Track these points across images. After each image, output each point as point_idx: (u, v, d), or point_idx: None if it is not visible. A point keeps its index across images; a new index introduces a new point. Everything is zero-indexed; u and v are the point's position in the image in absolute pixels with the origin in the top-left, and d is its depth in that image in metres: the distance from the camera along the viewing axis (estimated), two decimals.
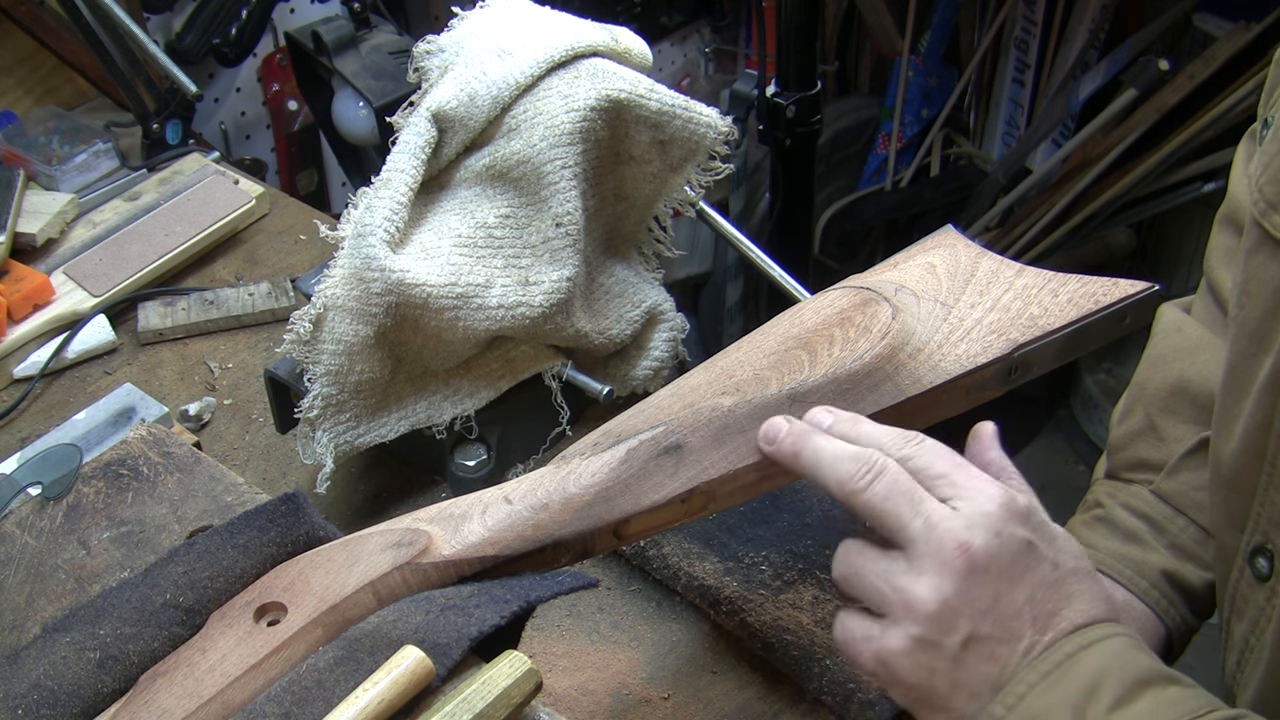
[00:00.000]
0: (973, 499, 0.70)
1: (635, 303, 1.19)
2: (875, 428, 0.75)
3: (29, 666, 0.77)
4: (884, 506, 0.70)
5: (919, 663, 0.69)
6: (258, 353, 1.34)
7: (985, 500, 0.70)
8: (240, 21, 1.87)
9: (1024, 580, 0.69)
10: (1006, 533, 0.69)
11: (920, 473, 0.71)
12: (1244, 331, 0.83)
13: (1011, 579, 0.69)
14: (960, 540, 0.68)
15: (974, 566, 0.68)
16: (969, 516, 0.69)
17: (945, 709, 0.70)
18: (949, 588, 0.68)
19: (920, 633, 0.69)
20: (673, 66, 2.88)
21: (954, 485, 0.71)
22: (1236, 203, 0.97)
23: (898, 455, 0.72)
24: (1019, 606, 0.68)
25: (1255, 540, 0.84)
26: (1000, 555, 0.68)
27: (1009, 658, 0.68)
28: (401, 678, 0.70)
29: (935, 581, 0.68)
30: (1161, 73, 2.41)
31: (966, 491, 0.70)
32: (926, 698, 0.70)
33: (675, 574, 1.02)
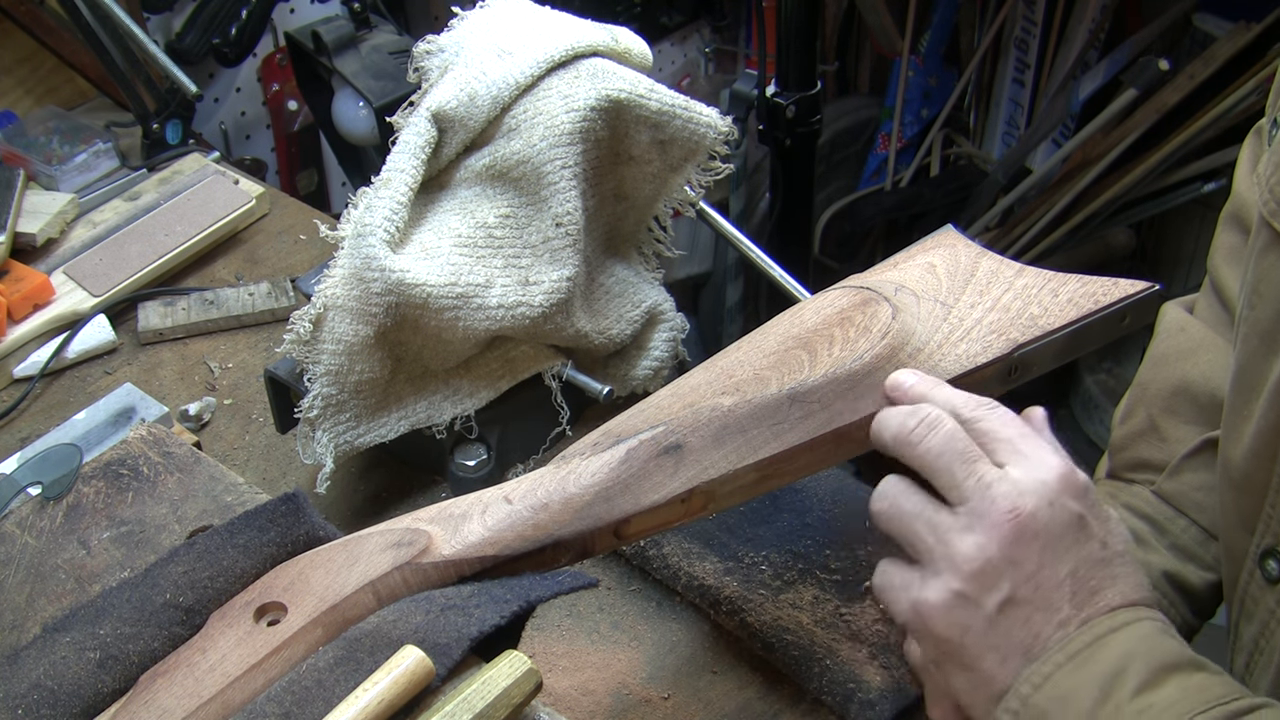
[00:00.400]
0: (1033, 467, 0.71)
1: (635, 303, 1.19)
2: (952, 391, 0.76)
3: (29, 666, 0.77)
4: (937, 463, 0.72)
5: (954, 619, 0.70)
6: (258, 353, 1.34)
7: (1045, 470, 0.70)
8: (240, 21, 1.87)
9: (1070, 553, 0.69)
10: (1060, 503, 0.70)
11: (986, 435, 0.73)
12: (1254, 332, 0.83)
13: (1058, 550, 0.69)
14: (1013, 504, 0.69)
15: (1023, 531, 0.68)
16: (1025, 482, 0.70)
17: (972, 668, 0.70)
18: (994, 548, 0.69)
19: (960, 588, 0.69)
20: (673, 66, 2.88)
21: (1016, 451, 0.72)
22: (1241, 201, 0.97)
23: (968, 416, 0.74)
24: (1061, 578, 0.69)
25: (1266, 542, 0.84)
26: (1051, 525, 0.69)
27: (1043, 628, 0.68)
28: (401, 678, 0.70)
29: (982, 540, 0.69)
30: (1161, 73, 2.41)
31: (1028, 459, 0.71)
32: (955, 654, 0.70)
33: (675, 574, 1.02)
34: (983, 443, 0.73)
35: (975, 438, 0.73)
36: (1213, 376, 0.98)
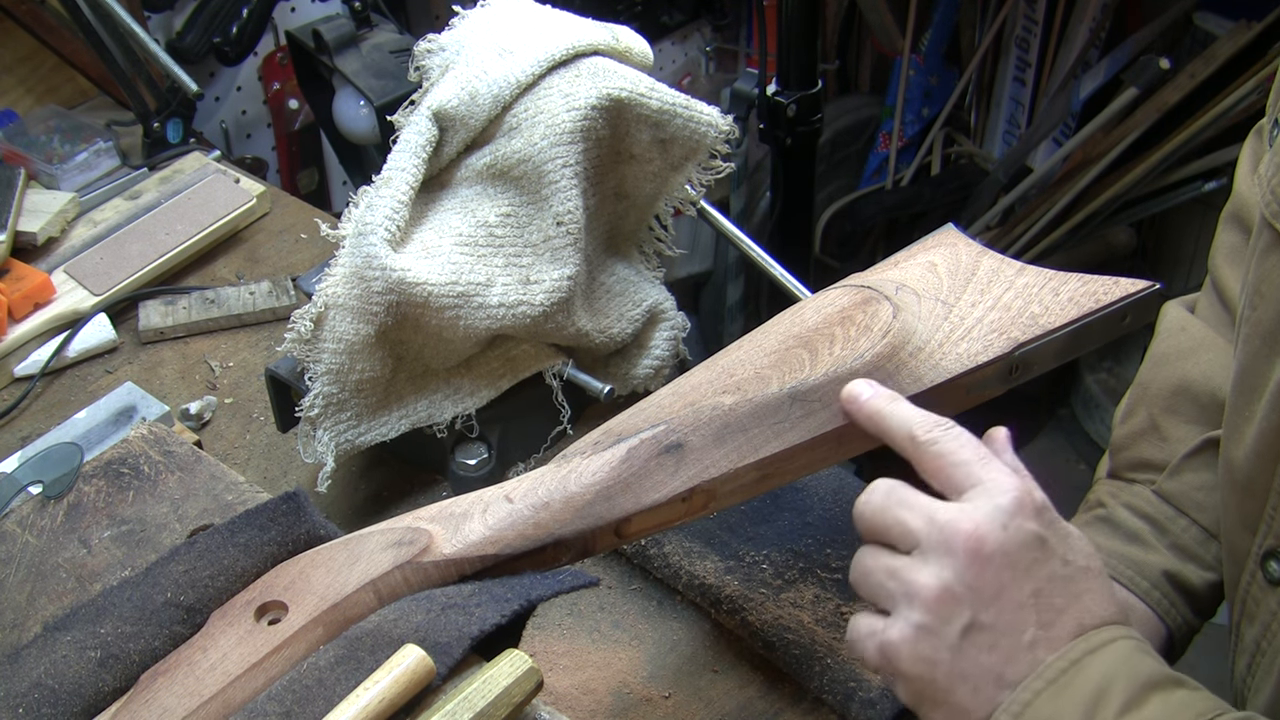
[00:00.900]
0: (986, 492, 0.70)
1: (636, 301, 1.19)
2: (909, 409, 0.76)
3: (30, 665, 0.77)
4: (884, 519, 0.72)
5: (919, 653, 0.69)
6: (259, 351, 1.34)
7: (999, 493, 0.70)
8: (241, 20, 1.87)
9: (1031, 573, 0.69)
10: (1015, 525, 0.69)
11: (941, 458, 0.72)
12: (1256, 333, 0.83)
13: (1017, 571, 0.68)
14: (967, 530, 0.68)
15: (979, 555, 0.68)
16: (979, 509, 0.69)
17: (946, 702, 0.69)
18: (950, 574, 0.68)
19: (920, 619, 0.69)
20: (673, 65, 2.88)
21: (970, 476, 0.71)
22: (1242, 201, 0.97)
23: (923, 439, 0.73)
24: (1024, 599, 0.68)
25: (1268, 543, 0.84)
26: (1008, 546, 0.68)
27: (1012, 650, 0.68)
28: (402, 676, 0.70)
29: (937, 569, 0.68)
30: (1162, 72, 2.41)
31: (983, 483, 0.70)
32: (928, 690, 0.70)
33: (676, 573, 1.02)
34: (937, 466, 0.72)
35: (930, 460, 0.73)
36: (1214, 376, 0.98)
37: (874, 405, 0.77)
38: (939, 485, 0.73)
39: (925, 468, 0.74)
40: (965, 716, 0.69)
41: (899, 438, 0.75)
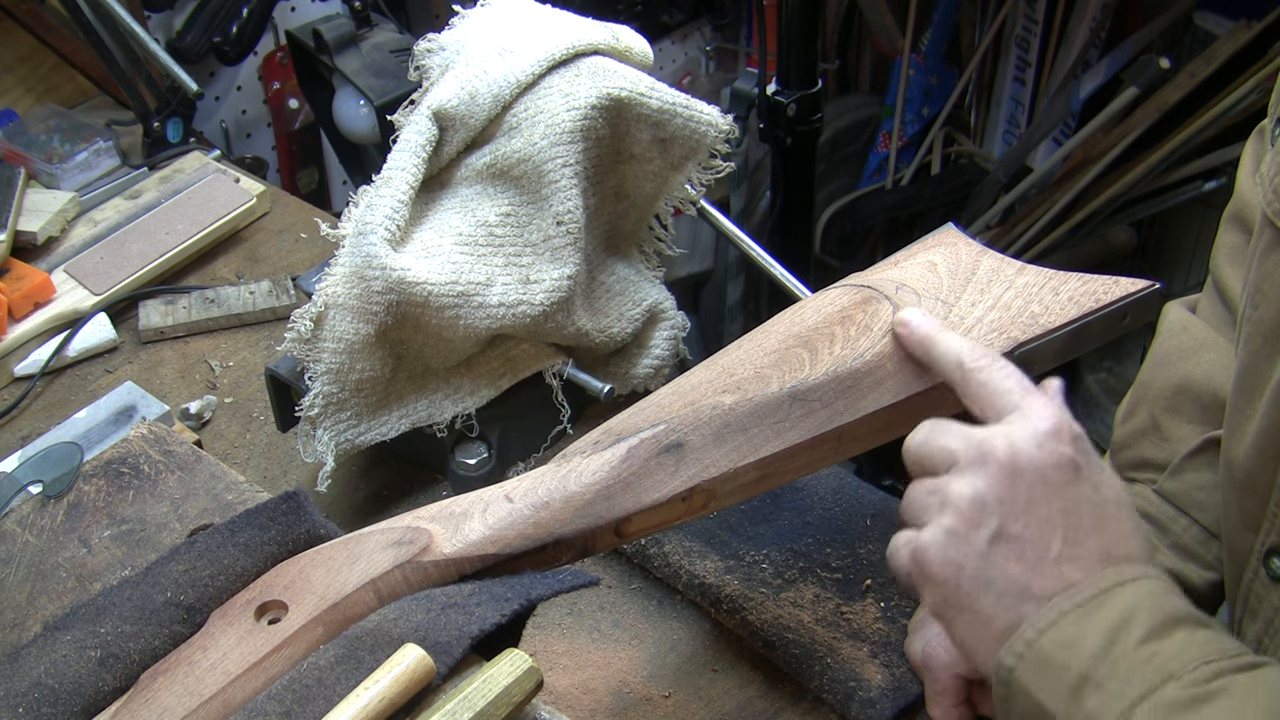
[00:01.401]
0: (1026, 416, 0.73)
1: (636, 301, 1.18)
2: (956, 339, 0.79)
3: (30, 665, 0.77)
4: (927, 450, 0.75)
5: (948, 556, 0.71)
6: (259, 351, 1.34)
7: (1038, 418, 0.72)
8: (241, 20, 1.87)
9: (1061, 493, 0.70)
10: (1049, 446, 0.71)
11: (984, 386, 0.75)
12: (1258, 332, 0.83)
13: (1048, 488, 0.70)
14: (1002, 446, 0.71)
15: (1012, 468, 0.70)
16: (1017, 430, 0.72)
17: (971, 608, 0.70)
18: (982, 484, 0.70)
19: (951, 524, 0.71)
20: (673, 65, 2.88)
21: (1012, 402, 0.74)
22: (1244, 201, 0.97)
23: (970, 366, 0.76)
24: (1052, 515, 0.70)
25: (1270, 541, 0.84)
26: (1040, 464, 0.71)
27: (1038, 562, 0.69)
28: (402, 676, 0.70)
29: (971, 479, 0.71)
30: (1162, 71, 2.41)
31: (1022, 409, 0.73)
32: (953, 595, 0.71)
33: (676, 572, 1.02)
34: (981, 393, 0.75)
35: (975, 387, 0.76)
36: (1215, 376, 0.98)
37: (924, 330, 0.81)
38: (981, 412, 0.75)
39: (969, 394, 0.77)
40: (987, 625, 0.70)
41: (948, 364, 0.78)
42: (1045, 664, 0.67)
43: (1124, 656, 0.66)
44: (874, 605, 0.98)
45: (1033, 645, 0.68)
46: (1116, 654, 0.66)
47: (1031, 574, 0.69)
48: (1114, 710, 0.64)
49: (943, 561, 0.71)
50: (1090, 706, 0.65)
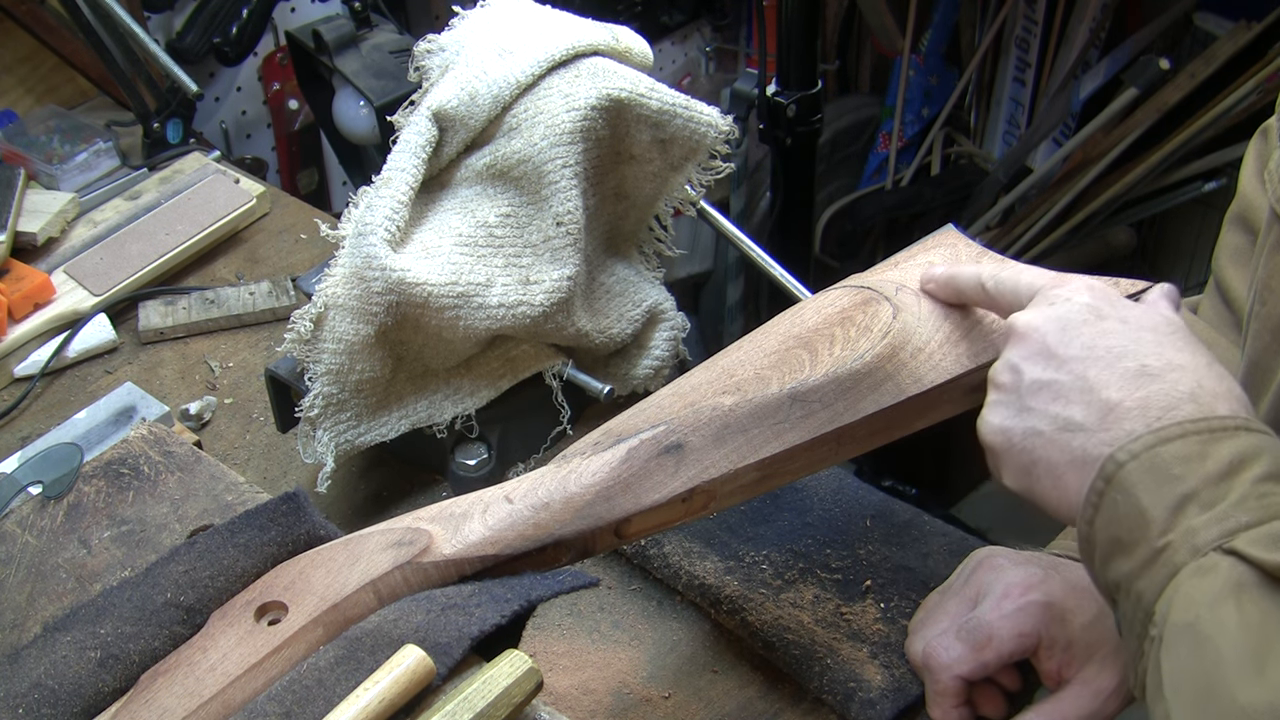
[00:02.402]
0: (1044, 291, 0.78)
1: (636, 302, 1.18)
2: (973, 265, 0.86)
3: (30, 665, 0.77)
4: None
5: (994, 425, 0.75)
6: (258, 352, 1.34)
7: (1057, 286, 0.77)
8: (241, 20, 1.87)
9: (1081, 331, 0.73)
10: (1065, 299, 0.76)
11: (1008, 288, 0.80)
12: (1265, 328, 0.83)
13: (1066, 331, 0.74)
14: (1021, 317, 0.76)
15: (1028, 328, 0.75)
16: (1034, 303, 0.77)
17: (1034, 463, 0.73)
18: (1012, 353, 0.76)
19: (993, 397, 0.76)
20: (673, 65, 2.88)
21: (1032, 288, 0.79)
22: (1247, 202, 0.97)
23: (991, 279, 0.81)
24: (1077, 351, 0.73)
25: None
26: (1055, 315, 0.75)
27: (1075, 396, 0.71)
28: (402, 677, 0.70)
29: (1004, 355, 0.76)
30: (1162, 72, 2.40)
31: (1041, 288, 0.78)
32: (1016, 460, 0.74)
33: (676, 573, 1.02)
34: (1006, 298, 0.80)
35: (1001, 296, 0.81)
36: None
37: (947, 270, 0.86)
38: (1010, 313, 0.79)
39: (1000, 305, 0.81)
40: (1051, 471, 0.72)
41: (972, 288, 0.83)
42: (1159, 469, 0.67)
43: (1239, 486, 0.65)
44: (874, 606, 0.98)
45: (1151, 449, 0.67)
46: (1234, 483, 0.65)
47: (1071, 407, 0.71)
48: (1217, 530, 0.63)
49: (992, 431, 0.75)
50: (1194, 521, 0.64)
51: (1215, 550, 0.63)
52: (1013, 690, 0.89)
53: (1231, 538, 0.63)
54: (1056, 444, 0.71)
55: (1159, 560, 0.65)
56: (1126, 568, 0.67)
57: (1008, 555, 0.94)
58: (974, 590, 0.91)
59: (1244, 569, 0.62)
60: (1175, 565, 0.64)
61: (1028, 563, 0.93)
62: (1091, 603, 0.91)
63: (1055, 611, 0.88)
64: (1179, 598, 0.63)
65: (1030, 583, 0.90)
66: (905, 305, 0.86)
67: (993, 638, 0.86)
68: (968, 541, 1.03)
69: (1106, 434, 0.69)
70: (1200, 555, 0.63)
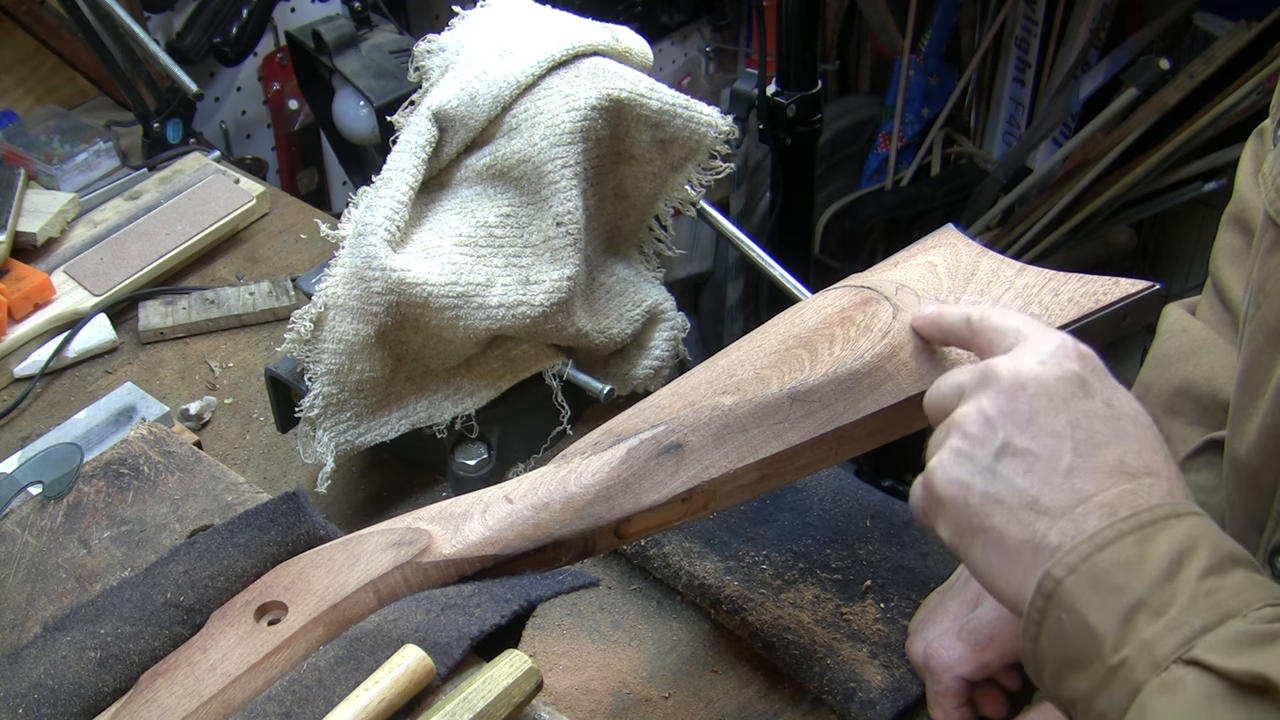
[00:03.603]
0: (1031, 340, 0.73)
1: (636, 302, 1.18)
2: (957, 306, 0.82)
3: (30, 665, 0.77)
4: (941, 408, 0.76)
5: (953, 475, 0.70)
6: (258, 352, 1.34)
7: (1043, 340, 0.72)
8: (241, 21, 1.87)
9: (1069, 405, 0.69)
10: (1054, 361, 0.71)
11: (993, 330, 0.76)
12: (1261, 330, 0.83)
13: (1054, 400, 0.69)
14: (1005, 364, 0.71)
15: (1015, 382, 0.70)
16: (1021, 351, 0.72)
17: (983, 529, 0.69)
18: (986, 401, 0.70)
19: (957, 444, 0.70)
20: (673, 66, 2.88)
21: (1019, 334, 0.74)
22: (1243, 203, 0.97)
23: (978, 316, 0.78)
24: (1060, 427, 0.69)
25: (1276, 539, 0.84)
26: (1044, 377, 0.70)
27: (1048, 475, 0.67)
28: (402, 677, 0.70)
29: (975, 400, 0.71)
30: (1162, 72, 2.40)
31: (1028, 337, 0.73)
32: (963, 517, 0.70)
33: (676, 573, 1.02)
34: (989, 337, 0.76)
35: (984, 334, 0.77)
36: (1215, 377, 0.98)
37: (934, 309, 0.82)
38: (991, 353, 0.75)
39: (980, 344, 0.77)
40: (1001, 544, 0.68)
41: (958, 327, 0.79)
42: (1100, 580, 0.64)
43: (1185, 587, 0.63)
44: (874, 606, 0.98)
45: (1088, 559, 0.65)
46: (1178, 583, 0.63)
47: (1041, 486, 0.67)
48: (1174, 639, 0.61)
49: (949, 481, 0.70)
50: (1147, 633, 0.62)
51: (1176, 662, 0.61)
52: (1013, 690, 0.89)
53: (1190, 646, 0.61)
54: (1016, 520, 0.67)
55: (1117, 677, 0.62)
56: (1083, 686, 0.64)
57: None
58: (975, 590, 0.91)
59: (1210, 680, 0.60)
60: (1136, 682, 0.62)
61: None
62: None
63: None
64: (1148, 717, 0.61)
65: None
66: (905, 305, 0.86)
67: (994, 638, 0.86)
68: None
69: (1069, 525, 0.66)
70: (1161, 670, 0.61)
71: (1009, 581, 0.68)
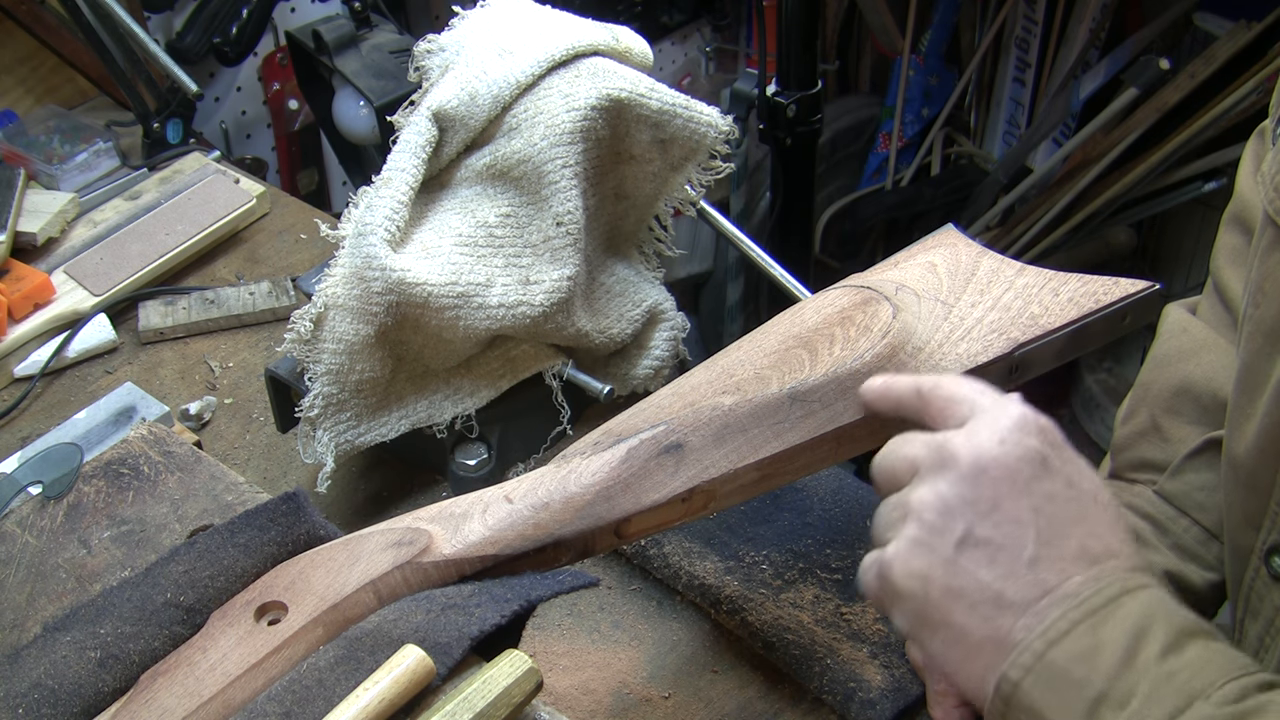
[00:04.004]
0: (987, 413, 0.69)
1: (636, 302, 1.18)
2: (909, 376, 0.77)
3: (30, 666, 0.77)
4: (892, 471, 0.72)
5: (912, 567, 0.67)
6: (258, 352, 1.34)
7: (1000, 414, 0.69)
8: (241, 20, 1.87)
9: (1031, 489, 0.66)
10: (1014, 440, 0.67)
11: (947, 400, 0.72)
12: (1260, 330, 0.83)
13: (1016, 485, 0.66)
14: (963, 443, 0.67)
15: (975, 466, 0.66)
16: (979, 428, 0.68)
17: (944, 624, 0.66)
18: (945, 486, 0.67)
19: (915, 533, 0.67)
20: (673, 65, 2.88)
21: (974, 407, 0.71)
22: (1244, 202, 0.97)
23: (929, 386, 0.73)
24: (1023, 514, 0.66)
25: (1272, 539, 0.84)
26: (1006, 459, 0.67)
27: (1012, 566, 0.65)
28: (402, 677, 0.70)
29: (933, 484, 0.67)
30: (1162, 72, 2.41)
31: (984, 410, 0.70)
32: (923, 610, 0.67)
33: (676, 573, 1.02)
34: (941, 408, 0.72)
35: (936, 405, 0.73)
36: (1215, 377, 0.98)
37: (881, 381, 0.78)
38: (944, 425, 0.72)
39: (932, 415, 0.73)
40: (962, 640, 0.66)
41: (909, 397, 0.75)
42: (1058, 679, 0.63)
43: (1145, 672, 0.62)
44: (874, 606, 0.98)
45: (1043, 657, 0.64)
46: (1137, 670, 0.62)
47: (1005, 580, 0.65)
48: None
49: (908, 574, 0.67)
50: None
51: None
52: None
53: None
54: (979, 615, 0.65)
55: None
56: None
57: None
58: None
59: None
60: None
61: None
62: None
63: None
64: None
65: None
66: (905, 305, 0.86)
67: None
68: None
69: (1032, 619, 0.65)
70: None
71: (970, 674, 0.66)
